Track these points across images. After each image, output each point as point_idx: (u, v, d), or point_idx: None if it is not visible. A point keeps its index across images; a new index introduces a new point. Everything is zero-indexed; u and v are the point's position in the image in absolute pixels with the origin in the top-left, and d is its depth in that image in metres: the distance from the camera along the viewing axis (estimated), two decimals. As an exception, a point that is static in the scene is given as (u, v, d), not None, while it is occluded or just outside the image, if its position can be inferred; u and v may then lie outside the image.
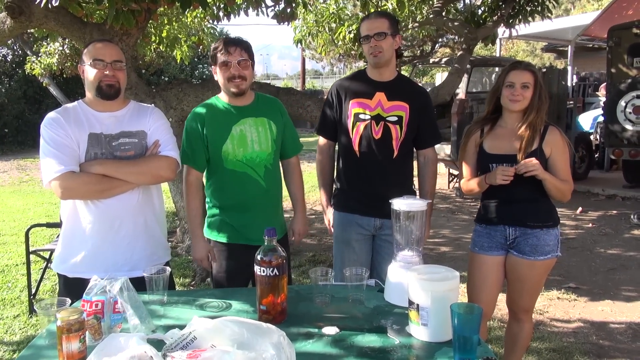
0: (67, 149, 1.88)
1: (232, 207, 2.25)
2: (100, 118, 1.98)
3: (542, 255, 2.25)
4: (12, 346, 3.18)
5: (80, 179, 1.88)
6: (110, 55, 1.94)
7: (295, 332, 1.52)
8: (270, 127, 2.25)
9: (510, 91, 2.22)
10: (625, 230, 5.75)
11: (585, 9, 19.91)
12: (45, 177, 1.88)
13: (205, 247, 2.25)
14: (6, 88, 15.20)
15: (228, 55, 2.13)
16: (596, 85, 10.52)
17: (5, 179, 10.10)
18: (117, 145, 1.96)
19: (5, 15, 3.67)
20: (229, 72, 2.14)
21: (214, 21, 5.66)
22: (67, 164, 1.86)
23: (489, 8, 5.23)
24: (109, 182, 1.90)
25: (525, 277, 2.30)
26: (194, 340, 1.30)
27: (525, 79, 2.20)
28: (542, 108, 2.23)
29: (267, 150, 2.23)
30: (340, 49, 8.19)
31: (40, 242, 5.36)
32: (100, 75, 1.92)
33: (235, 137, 2.19)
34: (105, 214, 1.94)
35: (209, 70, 19.98)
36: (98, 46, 1.96)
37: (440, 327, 1.45)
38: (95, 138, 1.94)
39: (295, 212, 2.44)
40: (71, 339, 1.30)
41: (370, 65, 2.41)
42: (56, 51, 7.92)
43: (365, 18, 2.41)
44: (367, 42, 2.32)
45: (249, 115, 2.23)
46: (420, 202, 1.77)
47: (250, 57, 2.17)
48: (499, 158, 2.26)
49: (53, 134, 1.88)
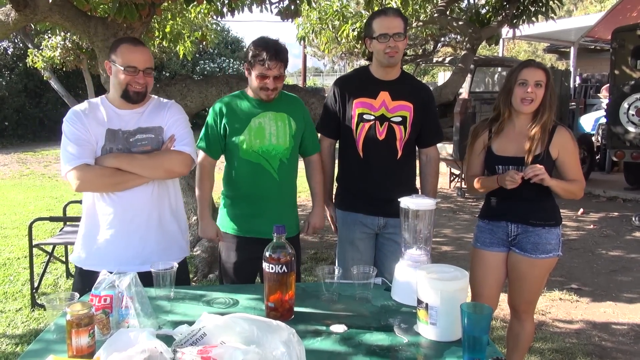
0: (83, 142, 1.91)
1: (244, 197, 2.28)
2: (121, 115, 2.00)
3: (544, 253, 2.25)
4: (14, 339, 3.18)
5: (94, 171, 1.90)
6: (144, 62, 1.95)
7: (303, 329, 1.52)
8: (289, 123, 2.29)
9: (524, 89, 2.19)
10: (626, 232, 5.75)
11: (587, 10, 19.89)
12: (62, 169, 1.93)
13: (213, 225, 2.31)
14: (7, 81, 15.18)
15: (267, 70, 2.14)
16: (598, 86, 10.52)
17: (6, 173, 10.08)
18: (134, 141, 1.98)
19: (10, 8, 3.65)
20: (264, 84, 2.17)
21: (218, 17, 5.64)
22: (83, 157, 1.89)
23: (493, 8, 5.22)
24: (122, 176, 1.92)
25: (526, 275, 2.30)
26: (204, 336, 1.30)
27: (539, 76, 2.18)
28: (553, 108, 2.23)
29: (284, 145, 2.26)
30: (343, 47, 8.19)
31: (42, 235, 5.36)
32: (131, 80, 1.93)
33: (253, 128, 2.24)
34: (119, 207, 1.96)
35: (210, 66, 20.09)
36: (131, 49, 1.94)
37: (449, 326, 1.45)
38: (112, 134, 1.96)
39: (313, 205, 2.48)
40: (80, 334, 1.29)
41: (380, 64, 2.35)
42: (58, 45, 7.90)
43: (381, 14, 2.31)
44: (385, 40, 2.24)
45: (270, 109, 2.27)
46: (429, 201, 1.77)
47: (285, 67, 2.20)
48: (506, 160, 2.26)
49: (72, 128, 1.92)
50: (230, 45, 20.76)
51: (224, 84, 4.46)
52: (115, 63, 1.95)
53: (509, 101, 2.26)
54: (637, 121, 6.85)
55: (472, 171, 2.42)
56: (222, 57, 20.74)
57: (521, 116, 2.26)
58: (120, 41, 2.00)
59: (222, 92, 4.40)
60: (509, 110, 2.28)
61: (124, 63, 1.93)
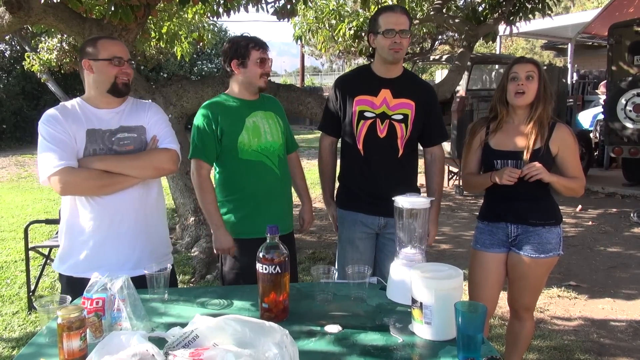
0: (65, 144, 1.85)
1: (248, 197, 2.26)
2: (99, 115, 1.96)
3: (544, 253, 2.24)
4: (11, 343, 3.17)
5: (81, 174, 1.85)
6: (126, 53, 1.96)
7: (297, 330, 1.51)
8: (277, 121, 2.36)
9: (515, 83, 2.20)
10: (625, 229, 5.75)
11: (585, 7, 19.88)
12: (43, 173, 1.84)
13: (228, 236, 2.25)
14: (4, 84, 15.15)
15: (264, 53, 2.24)
16: (595, 83, 10.51)
17: (4, 175, 10.06)
18: (115, 140, 1.94)
19: (4, 10, 3.65)
20: (265, 69, 2.24)
21: (214, 17, 5.63)
22: (66, 159, 1.83)
23: (490, 5, 5.22)
24: (110, 178, 1.88)
25: (527, 275, 2.29)
26: (196, 338, 1.29)
27: (529, 68, 2.20)
28: (548, 102, 2.22)
29: (278, 141, 2.32)
30: (340, 46, 8.19)
31: (39, 238, 5.35)
32: (119, 72, 1.92)
33: (249, 128, 2.25)
34: (105, 211, 1.92)
35: (207, 67, 20.06)
36: (111, 42, 1.96)
37: (444, 325, 1.44)
38: (93, 134, 1.92)
39: (302, 202, 2.55)
40: (72, 337, 1.28)
41: (384, 60, 2.32)
42: (55, 47, 7.89)
43: (389, 10, 2.29)
44: (391, 36, 2.22)
45: (259, 109, 2.32)
46: (423, 199, 1.76)
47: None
48: (504, 154, 2.25)
49: (51, 130, 1.86)
50: (228, 46, 20.74)
51: (220, 84, 4.46)
52: (98, 58, 1.91)
53: (504, 99, 2.26)
54: (635, 117, 6.85)
55: (469, 168, 2.41)
56: (219, 58, 20.67)
57: (518, 111, 2.26)
58: (96, 38, 1.99)
59: (218, 92, 4.35)
60: (505, 108, 2.28)
61: (110, 55, 1.91)
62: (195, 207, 4.79)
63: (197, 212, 4.77)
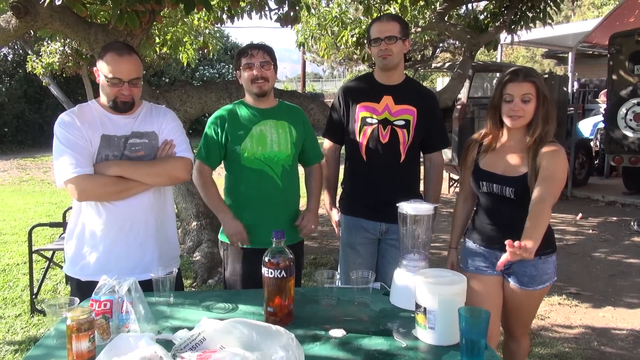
0: (82, 149, 1.87)
1: (247, 204, 2.27)
2: (115, 120, 1.97)
3: (541, 284, 2.12)
4: (14, 345, 3.18)
5: (97, 180, 1.87)
6: (129, 72, 1.89)
7: (302, 334, 1.52)
8: (290, 131, 2.31)
9: (510, 106, 2.00)
10: (625, 237, 5.76)
11: (585, 16, 19.98)
12: (59, 178, 1.85)
13: (236, 221, 2.24)
14: (7, 87, 15.20)
15: (251, 58, 2.22)
16: (596, 92, 10.55)
17: (6, 179, 10.08)
18: (128, 145, 1.96)
19: (11, 15, 3.68)
20: (252, 74, 2.22)
21: (217, 24, 5.67)
22: (84, 166, 1.85)
23: (491, 14, 5.25)
24: (125, 184, 1.90)
25: (523, 305, 2.19)
26: (203, 341, 1.31)
27: (525, 90, 1.98)
28: (550, 122, 2.02)
29: (285, 152, 2.28)
30: (343, 53, 8.23)
31: (42, 241, 5.36)
32: (117, 92, 1.91)
33: (254, 136, 2.25)
34: (116, 216, 1.94)
35: (210, 72, 20.12)
36: (116, 60, 1.88)
37: (447, 330, 1.46)
38: (107, 140, 1.93)
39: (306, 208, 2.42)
40: (81, 339, 1.30)
41: (378, 68, 2.40)
42: (57, 51, 7.93)
43: (377, 20, 2.38)
44: (377, 44, 2.29)
45: (271, 117, 2.30)
46: (427, 205, 1.78)
47: (272, 59, 2.25)
48: (490, 177, 2.10)
49: (67, 133, 1.87)
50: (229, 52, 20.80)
51: (223, 89, 4.49)
52: (101, 72, 1.91)
53: (498, 118, 2.10)
54: (635, 126, 6.87)
55: (464, 189, 2.31)
56: (221, 63, 20.77)
57: (513, 131, 2.08)
58: (108, 48, 1.92)
59: (221, 97, 4.43)
60: (499, 129, 2.13)
61: (110, 74, 1.88)
62: (197, 211, 4.80)
63: (199, 216, 4.79)
